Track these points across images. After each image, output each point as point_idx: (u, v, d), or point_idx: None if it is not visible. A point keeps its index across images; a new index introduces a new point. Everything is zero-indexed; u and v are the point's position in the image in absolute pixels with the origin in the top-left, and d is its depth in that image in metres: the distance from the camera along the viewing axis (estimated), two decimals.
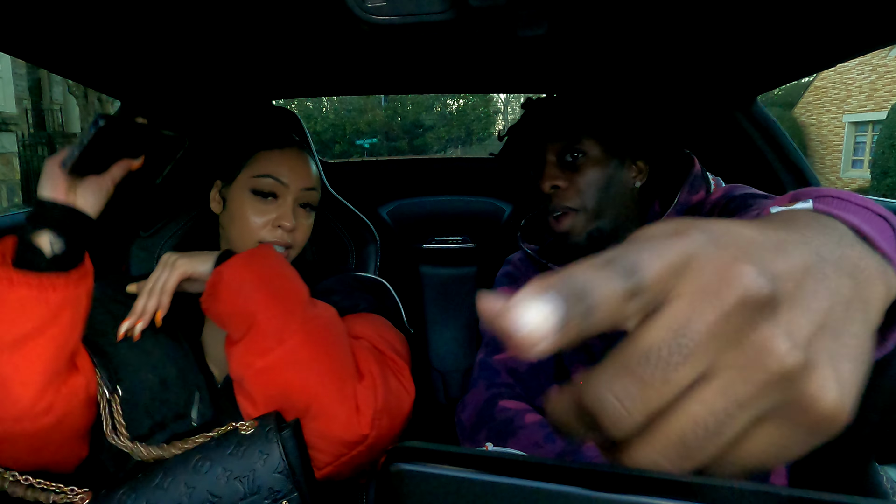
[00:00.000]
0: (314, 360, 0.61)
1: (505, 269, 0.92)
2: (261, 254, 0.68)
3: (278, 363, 0.61)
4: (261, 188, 0.76)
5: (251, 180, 0.76)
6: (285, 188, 0.77)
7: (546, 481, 0.19)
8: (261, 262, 0.67)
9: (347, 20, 0.55)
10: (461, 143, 19.50)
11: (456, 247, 1.52)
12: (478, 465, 0.20)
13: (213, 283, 0.64)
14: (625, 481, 0.19)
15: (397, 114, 18.98)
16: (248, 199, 0.76)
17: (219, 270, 0.64)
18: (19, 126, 8.99)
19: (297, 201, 0.78)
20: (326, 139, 18.05)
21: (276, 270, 0.68)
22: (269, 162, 0.77)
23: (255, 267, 0.66)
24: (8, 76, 8.60)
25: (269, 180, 0.76)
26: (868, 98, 12.63)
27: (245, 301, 0.63)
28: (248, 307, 0.62)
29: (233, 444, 0.58)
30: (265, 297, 0.63)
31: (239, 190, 0.77)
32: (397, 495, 0.21)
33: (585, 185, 0.75)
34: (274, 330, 0.61)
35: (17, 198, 8.72)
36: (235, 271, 0.65)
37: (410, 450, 0.21)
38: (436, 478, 0.20)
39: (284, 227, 0.76)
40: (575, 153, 0.76)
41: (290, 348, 0.61)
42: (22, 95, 9.36)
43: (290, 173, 0.77)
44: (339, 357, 0.63)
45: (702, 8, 0.68)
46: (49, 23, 0.67)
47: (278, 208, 0.77)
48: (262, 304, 0.63)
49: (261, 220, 0.76)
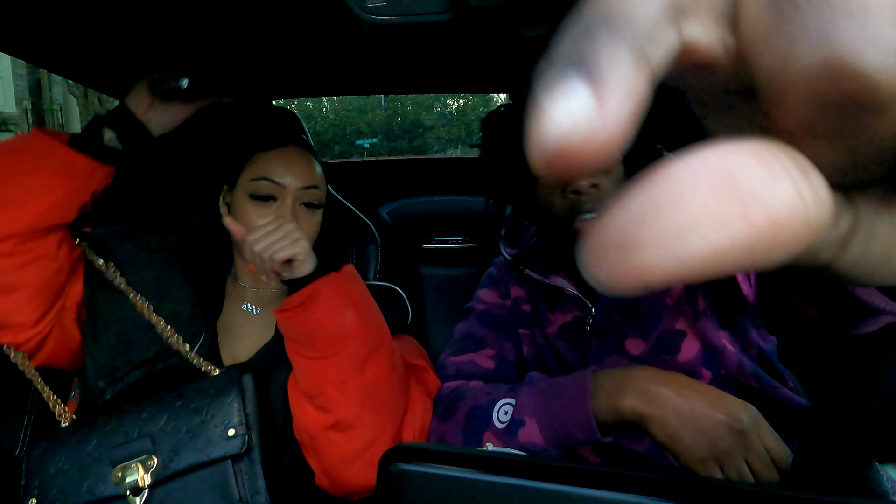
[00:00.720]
0: (381, 393, 0.63)
1: (489, 271, 0.92)
2: (354, 276, 0.69)
3: (354, 389, 0.62)
4: (258, 191, 0.75)
5: (249, 184, 0.76)
6: (282, 189, 0.76)
7: (546, 481, 0.19)
8: (355, 285, 0.67)
9: (347, 20, 0.55)
10: (461, 143, 19.49)
11: (456, 247, 1.52)
12: (478, 465, 0.20)
13: (311, 295, 0.63)
14: (625, 481, 0.19)
15: (397, 114, 18.98)
16: (248, 204, 0.76)
17: (316, 286, 0.64)
18: (19, 126, 8.98)
19: (298, 201, 0.77)
20: (326, 139, 18.04)
21: (366, 296, 0.68)
22: (266, 164, 0.76)
23: (351, 289, 0.66)
24: (8, 76, 8.59)
25: (265, 182, 0.75)
26: None
27: (342, 323, 0.63)
28: (343, 331, 0.63)
29: (198, 381, 0.67)
30: (359, 324, 0.63)
31: (240, 195, 0.77)
32: (397, 495, 0.21)
33: (611, 183, 0.70)
34: (360, 359, 0.62)
35: None
36: (335, 290, 0.64)
37: (410, 450, 0.21)
38: (436, 478, 0.20)
39: None
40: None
41: (368, 380, 0.62)
42: (22, 95, 9.36)
43: (287, 173, 0.76)
44: (400, 391, 0.66)
45: None
46: (49, 23, 0.67)
47: (278, 210, 0.76)
48: (355, 330, 0.63)
49: (262, 223, 0.75)
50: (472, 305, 0.88)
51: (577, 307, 0.78)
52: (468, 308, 0.88)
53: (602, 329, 0.74)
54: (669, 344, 0.70)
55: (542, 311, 0.81)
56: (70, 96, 9.66)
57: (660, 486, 0.18)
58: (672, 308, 0.70)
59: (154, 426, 0.61)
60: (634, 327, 0.72)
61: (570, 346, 0.77)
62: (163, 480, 0.58)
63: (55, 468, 0.59)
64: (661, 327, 0.71)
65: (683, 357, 0.69)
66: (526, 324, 0.84)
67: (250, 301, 0.83)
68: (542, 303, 0.81)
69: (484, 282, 0.91)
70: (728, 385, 0.70)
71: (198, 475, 0.59)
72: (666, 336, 0.70)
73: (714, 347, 0.69)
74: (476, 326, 0.83)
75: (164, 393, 0.66)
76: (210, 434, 0.60)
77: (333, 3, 0.54)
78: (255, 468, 0.60)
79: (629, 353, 0.72)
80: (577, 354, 0.77)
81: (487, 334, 0.82)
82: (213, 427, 0.61)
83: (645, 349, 0.71)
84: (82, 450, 0.60)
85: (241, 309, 0.82)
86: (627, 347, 0.72)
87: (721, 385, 0.68)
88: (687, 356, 0.69)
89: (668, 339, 0.70)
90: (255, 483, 0.59)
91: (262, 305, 0.83)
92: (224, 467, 0.59)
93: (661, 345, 0.70)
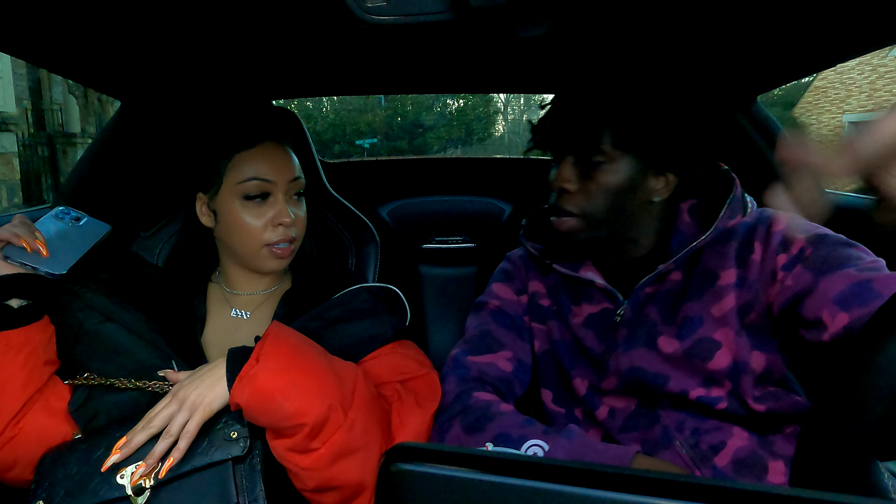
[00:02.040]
0: (356, 446, 0.61)
1: (503, 266, 0.91)
2: (281, 341, 0.61)
3: (324, 458, 0.59)
4: (250, 192, 0.74)
5: (237, 187, 0.75)
6: (273, 185, 0.75)
7: (546, 481, 0.19)
8: (288, 354, 0.60)
9: (347, 20, 0.55)
10: (461, 143, 19.50)
11: (456, 247, 1.52)
12: (478, 465, 0.20)
13: (250, 402, 0.58)
14: (625, 481, 0.19)
15: (397, 114, 18.99)
16: (240, 206, 0.75)
17: (253, 391, 0.58)
18: (19, 126, 8.99)
19: (288, 194, 0.77)
20: (326, 139, 18.05)
21: (306, 354, 0.62)
22: (249, 163, 0.75)
23: (285, 363, 0.60)
24: (8, 76, 8.60)
25: (256, 182, 0.74)
26: (868, 98, 12.62)
27: (289, 407, 0.57)
28: (294, 416, 0.57)
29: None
30: (308, 397, 0.58)
31: (228, 199, 0.75)
32: (397, 495, 0.21)
33: (594, 193, 0.71)
34: (319, 430, 0.59)
35: (16, 198, 8.72)
36: (270, 381, 0.58)
37: (410, 450, 0.21)
38: (436, 478, 0.20)
39: (285, 223, 0.76)
40: (595, 159, 0.70)
41: (335, 443, 0.59)
42: (22, 95, 9.36)
43: (273, 169, 0.75)
44: (376, 432, 0.63)
45: (702, 8, 0.68)
46: (49, 23, 0.67)
47: (273, 206, 0.76)
48: (305, 405, 0.58)
49: (259, 222, 0.75)
50: (485, 300, 0.87)
51: (608, 299, 0.78)
52: (481, 302, 0.87)
53: (633, 322, 0.75)
54: (704, 350, 0.70)
55: (565, 305, 0.81)
56: (70, 96, 9.69)
57: (660, 486, 0.18)
58: (717, 319, 0.70)
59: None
60: (671, 327, 0.72)
61: (597, 334, 0.77)
62: (166, 482, 0.58)
63: (63, 473, 0.59)
64: (700, 333, 0.71)
65: (714, 365, 0.70)
66: (542, 319, 0.83)
67: (241, 307, 0.82)
68: (565, 296, 0.81)
69: (497, 276, 0.89)
70: (738, 402, 0.70)
71: (199, 477, 0.59)
72: (703, 343, 0.70)
73: (744, 364, 0.70)
74: (492, 324, 0.83)
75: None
76: (213, 436, 0.60)
77: (333, 3, 0.54)
78: (255, 475, 0.59)
79: (661, 350, 0.72)
80: (604, 343, 0.76)
81: (505, 335, 0.82)
82: (215, 429, 0.61)
83: (679, 349, 0.71)
84: (91, 455, 0.60)
85: (230, 316, 0.81)
86: (660, 345, 0.72)
87: (734, 400, 0.70)
88: (717, 365, 0.70)
89: (705, 346, 0.70)
90: (254, 489, 0.59)
91: (251, 309, 0.82)
92: (225, 470, 0.59)
93: (696, 349, 0.70)
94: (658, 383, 0.72)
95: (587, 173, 0.71)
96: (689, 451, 0.70)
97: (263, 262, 0.78)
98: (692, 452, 0.70)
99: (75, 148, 9.81)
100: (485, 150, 20.22)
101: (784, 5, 0.66)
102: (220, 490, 0.58)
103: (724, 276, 0.71)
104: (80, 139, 9.86)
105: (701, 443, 0.70)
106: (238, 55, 0.88)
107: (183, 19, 0.69)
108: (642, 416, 0.74)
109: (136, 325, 0.71)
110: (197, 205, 0.80)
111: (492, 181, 1.57)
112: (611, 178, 0.70)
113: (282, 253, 0.77)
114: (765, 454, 0.68)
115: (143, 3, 0.63)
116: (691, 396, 0.70)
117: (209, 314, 0.81)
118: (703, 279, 0.72)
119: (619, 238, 0.75)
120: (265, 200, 0.76)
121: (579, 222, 0.72)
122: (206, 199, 0.79)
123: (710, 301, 0.71)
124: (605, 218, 0.72)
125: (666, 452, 0.71)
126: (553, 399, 0.82)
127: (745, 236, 0.72)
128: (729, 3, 0.66)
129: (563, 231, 0.74)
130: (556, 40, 0.83)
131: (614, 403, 0.76)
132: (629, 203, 0.72)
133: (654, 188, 0.73)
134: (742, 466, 0.68)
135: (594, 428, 0.78)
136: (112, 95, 1.02)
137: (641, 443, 0.73)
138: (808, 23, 0.71)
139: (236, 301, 0.83)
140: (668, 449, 0.71)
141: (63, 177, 9.35)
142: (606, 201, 0.71)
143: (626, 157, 0.70)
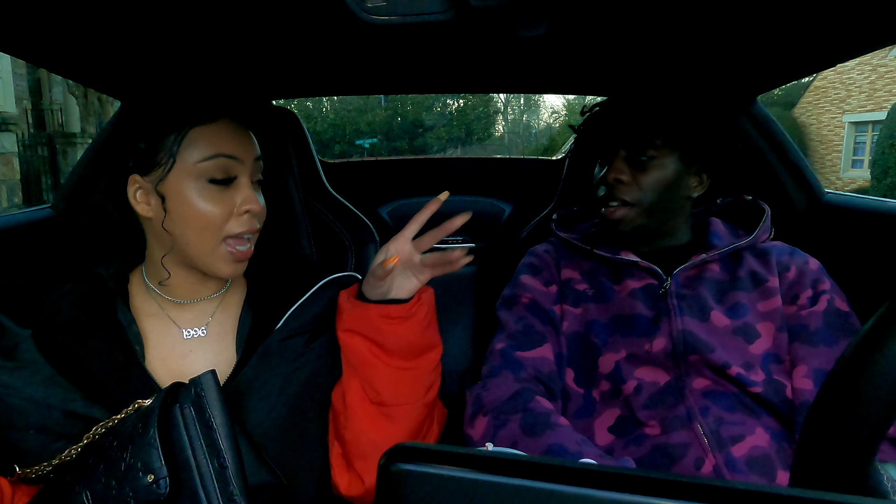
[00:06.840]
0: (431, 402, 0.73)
1: (528, 260, 0.94)
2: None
3: (422, 406, 0.71)
4: (215, 175, 0.63)
5: (198, 167, 0.63)
6: (240, 165, 0.65)
7: (546, 481, 0.19)
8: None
9: (347, 20, 0.55)
10: (461, 143, 19.50)
11: (456, 247, 1.52)
12: (477, 465, 0.20)
13: (416, 304, 0.69)
14: (625, 481, 0.19)
15: (397, 114, 18.98)
16: (197, 191, 0.63)
17: (420, 299, 0.71)
18: (19, 126, 8.98)
19: (253, 177, 0.68)
20: (326, 139, 18.05)
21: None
22: (210, 140, 0.64)
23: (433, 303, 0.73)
24: (8, 76, 8.59)
25: (222, 160, 0.64)
26: (868, 98, 12.62)
27: (432, 335, 0.72)
28: (431, 341, 0.72)
29: (133, 418, 0.58)
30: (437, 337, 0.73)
31: (182, 182, 0.63)
32: (397, 495, 0.21)
33: (647, 184, 0.81)
34: (434, 369, 0.73)
35: (16, 198, 8.72)
36: (431, 304, 0.72)
37: (410, 450, 0.21)
38: (436, 478, 0.20)
39: (253, 210, 0.66)
40: (646, 154, 0.81)
41: (429, 399, 0.73)
42: (22, 95, 9.36)
43: (239, 146, 0.66)
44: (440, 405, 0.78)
45: (702, 8, 0.68)
46: (49, 23, 0.67)
47: (239, 191, 0.65)
48: (436, 340, 0.72)
49: (223, 210, 0.64)
50: (517, 293, 0.89)
51: (651, 276, 0.84)
52: (513, 295, 0.90)
53: (684, 296, 0.81)
54: (749, 334, 0.78)
55: (605, 285, 0.87)
56: (70, 96, 9.66)
57: (660, 486, 0.18)
58: (762, 314, 0.79)
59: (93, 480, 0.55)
60: (722, 306, 0.80)
61: (645, 303, 0.83)
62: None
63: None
64: (748, 318, 0.78)
65: (754, 350, 0.77)
66: (577, 302, 0.87)
67: (190, 322, 0.70)
68: (604, 278, 0.87)
69: (524, 270, 0.93)
70: (772, 390, 0.75)
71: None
72: (748, 328, 0.78)
73: (777, 356, 0.77)
74: (531, 318, 0.86)
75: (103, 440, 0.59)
76: (135, 481, 0.53)
77: (333, 3, 0.54)
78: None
79: (713, 322, 0.78)
80: (654, 311, 0.82)
81: (545, 329, 0.85)
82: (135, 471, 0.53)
83: (728, 326, 0.78)
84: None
85: (183, 339, 0.69)
86: (713, 318, 0.79)
87: (769, 387, 0.75)
88: (755, 351, 0.76)
89: (749, 331, 0.78)
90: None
91: (203, 321, 0.70)
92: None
93: (742, 330, 0.78)
94: (706, 350, 0.75)
95: (640, 167, 0.81)
96: (709, 435, 0.71)
97: (217, 265, 0.66)
98: (711, 437, 0.70)
99: (75, 148, 9.79)
100: (485, 150, 20.24)
101: (784, 5, 0.66)
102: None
103: (772, 280, 0.81)
104: (80, 139, 9.84)
105: (721, 430, 0.71)
106: (238, 55, 0.88)
107: (183, 19, 0.69)
108: (669, 393, 0.76)
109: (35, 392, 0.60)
110: (129, 190, 0.66)
111: (492, 181, 1.57)
112: (660, 173, 0.81)
113: (241, 255, 0.66)
114: (777, 462, 0.69)
115: (143, 3, 0.63)
116: (731, 372, 0.74)
117: (146, 331, 0.68)
118: (753, 279, 0.81)
119: (660, 229, 0.85)
120: (229, 186, 0.65)
121: (631, 211, 0.82)
122: (141, 183, 0.65)
123: (757, 297, 0.80)
124: (652, 208, 0.82)
125: (684, 432, 0.72)
126: (574, 378, 0.83)
127: (784, 257, 0.82)
128: (729, 4, 0.66)
129: (614, 219, 0.82)
130: (556, 40, 0.83)
131: (645, 376, 0.78)
132: (673, 196, 0.83)
133: (692, 185, 0.85)
134: (754, 464, 0.68)
135: (612, 408, 0.79)
136: (112, 95, 1.02)
137: (661, 421, 0.74)
138: (808, 23, 0.71)
139: (180, 312, 0.70)
140: (687, 429, 0.72)
141: (63, 177, 9.35)
142: (655, 193, 0.81)
143: (673, 155, 0.81)
